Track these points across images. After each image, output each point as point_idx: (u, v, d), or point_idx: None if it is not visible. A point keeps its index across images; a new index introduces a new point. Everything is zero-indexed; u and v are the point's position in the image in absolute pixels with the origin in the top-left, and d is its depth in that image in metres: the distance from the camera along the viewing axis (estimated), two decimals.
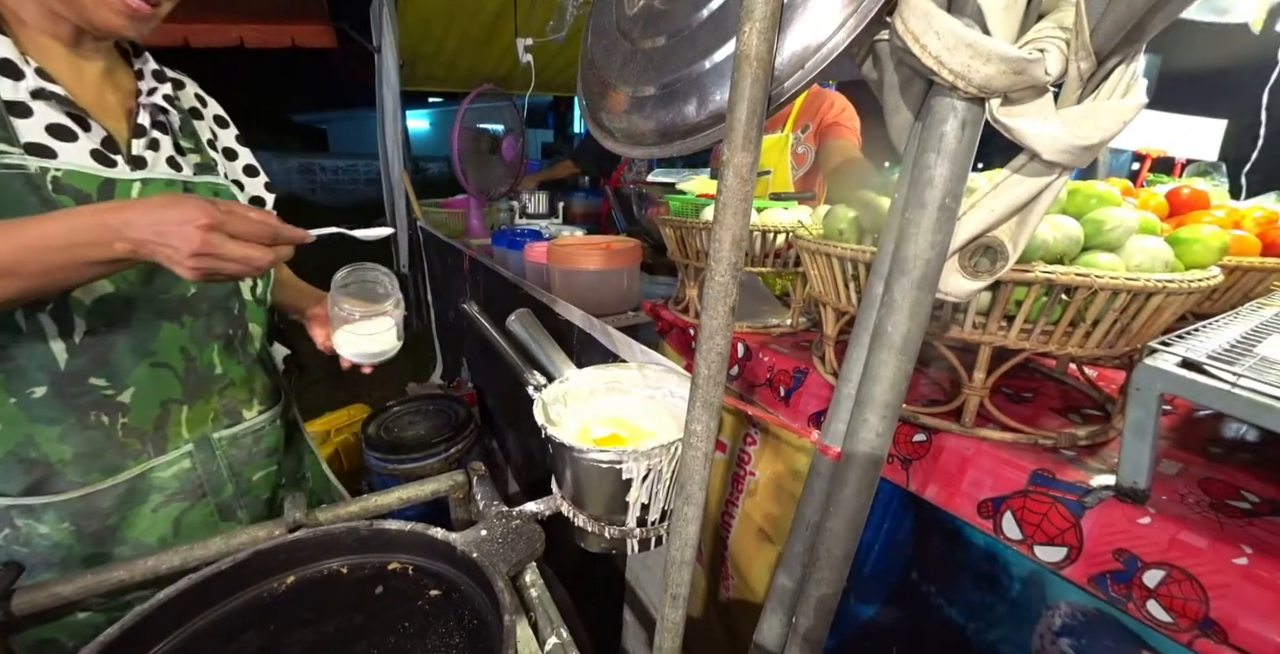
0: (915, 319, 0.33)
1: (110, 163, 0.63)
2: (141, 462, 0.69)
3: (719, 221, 0.34)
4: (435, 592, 0.53)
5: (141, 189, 0.65)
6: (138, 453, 0.68)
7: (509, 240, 1.74)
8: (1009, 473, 0.60)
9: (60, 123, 0.60)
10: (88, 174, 0.61)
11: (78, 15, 0.58)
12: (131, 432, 0.67)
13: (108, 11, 0.58)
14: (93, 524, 0.66)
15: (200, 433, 0.74)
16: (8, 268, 0.48)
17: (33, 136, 0.58)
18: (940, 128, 0.30)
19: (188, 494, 0.73)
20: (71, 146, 0.61)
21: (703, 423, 0.37)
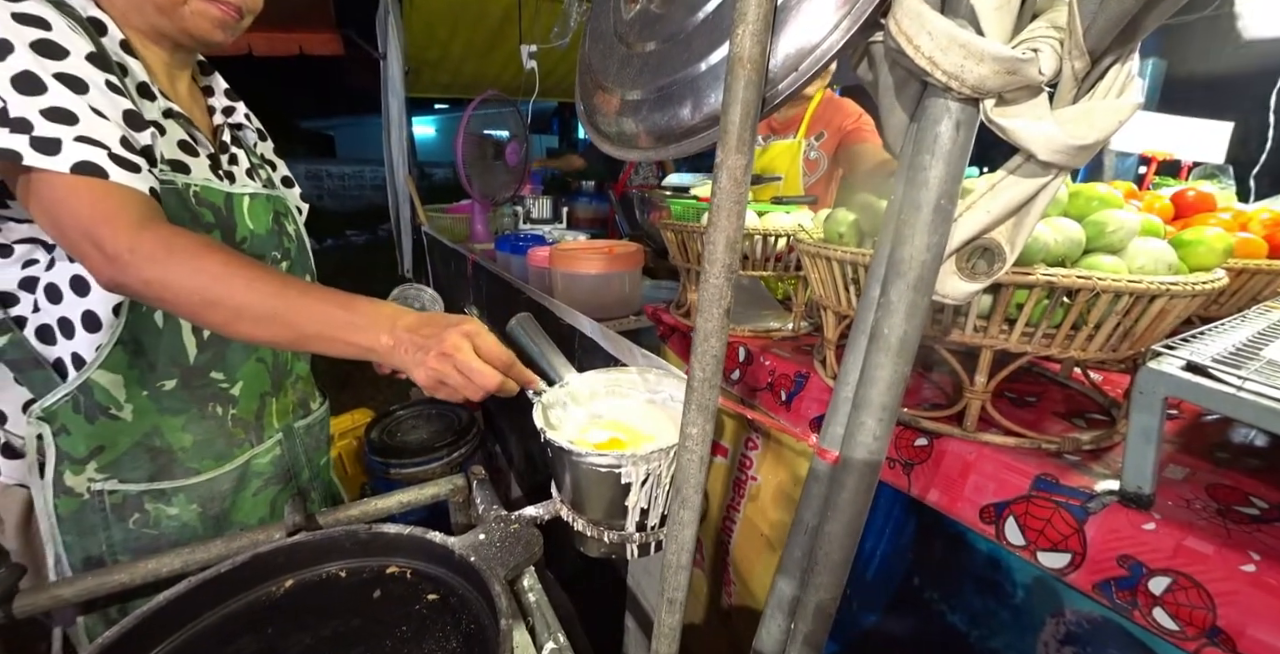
0: (911, 321, 0.33)
1: (219, 177, 0.69)
2: (245, 449, 0.74)
3: (713, 224, 0.34)
4: (433, 596, 0.53)
5: (250, 203, 0.71)
6: (242, 441, 0.74)
7: (512, 245, 1.75)
8: (1011, 478, 0.59)
9: (186, 140, 0.66)
10: (214, 189, 0.66)
11: (177, 28, 0.63)
12: (239, 422, 0.73)
13: (203, 20, 0.63)
14: (214, 507, 0.72)
15: (285, 423, 0.81)
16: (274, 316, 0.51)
17: (171, 154, 0.63)
18: (934, 129, 0.30)
19: (279, 478, 0.80)
20: (196, 162, 0.66)
21: (698, 426, 0.37)
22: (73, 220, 0.51)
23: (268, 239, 0.73)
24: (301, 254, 0.81)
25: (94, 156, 0.52)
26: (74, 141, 0.51)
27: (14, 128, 0.50)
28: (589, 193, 3.32)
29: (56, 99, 0.52)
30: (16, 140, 0.49)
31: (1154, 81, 2.78)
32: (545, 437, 0.62)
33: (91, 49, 0.56)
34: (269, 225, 0.74)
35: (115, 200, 0.52)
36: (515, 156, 2.61)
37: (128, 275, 0.50)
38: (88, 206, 0.51)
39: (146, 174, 0.56)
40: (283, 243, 0.77)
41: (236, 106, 0.76)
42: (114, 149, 0.53)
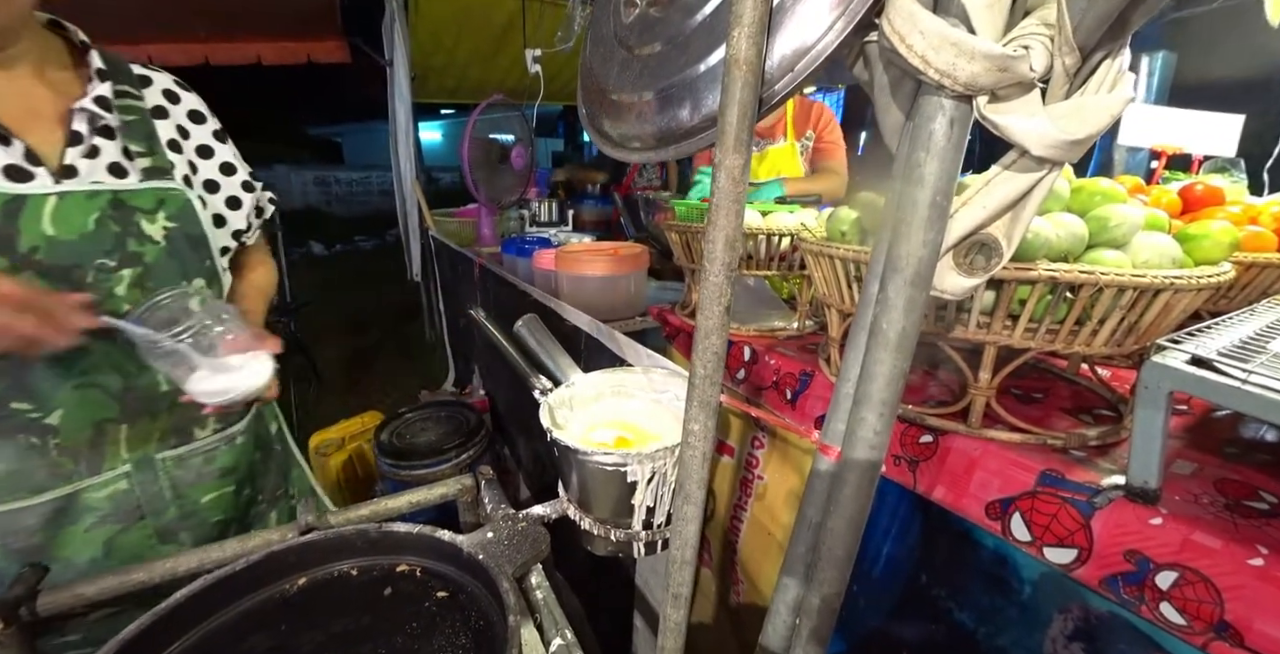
0: (910, 317, 0.34)
1: (27, 177, 0.61)
2: (72, 481, 0.67)
3: (712, 222, 0.35)
4: (442, 593, 0.54)
5: (56, 204, 0.62)
6: (70, 473, 0.67)
7: (518, 248, 1.76)
8: (1017, 473, 0.59)
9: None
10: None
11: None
12: (65, 451, 0.66)
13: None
14: (18, 541, 0.65)
15: (142, 453, 0.71)
16: None
17: None
18: (929, 126, 0.31)
19: (122, 516, 0.71)
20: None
21: (700, 422, 0.38)
22: None
23: (82, 244, 0.64)
24: (170, 259, 0.69)
25: None
26: None
27: None
28: (594, 195, 3.33)
29: None
30: None
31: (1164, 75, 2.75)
32: (552, 436, 0.63)
33: None
34: (87, 227, 0.64)
35: None
36: (521, 160, 2.63)
37: None
38: None
39: None
40: (125, 246, 0.66)
41: (98, 89, 0.67)
42: None
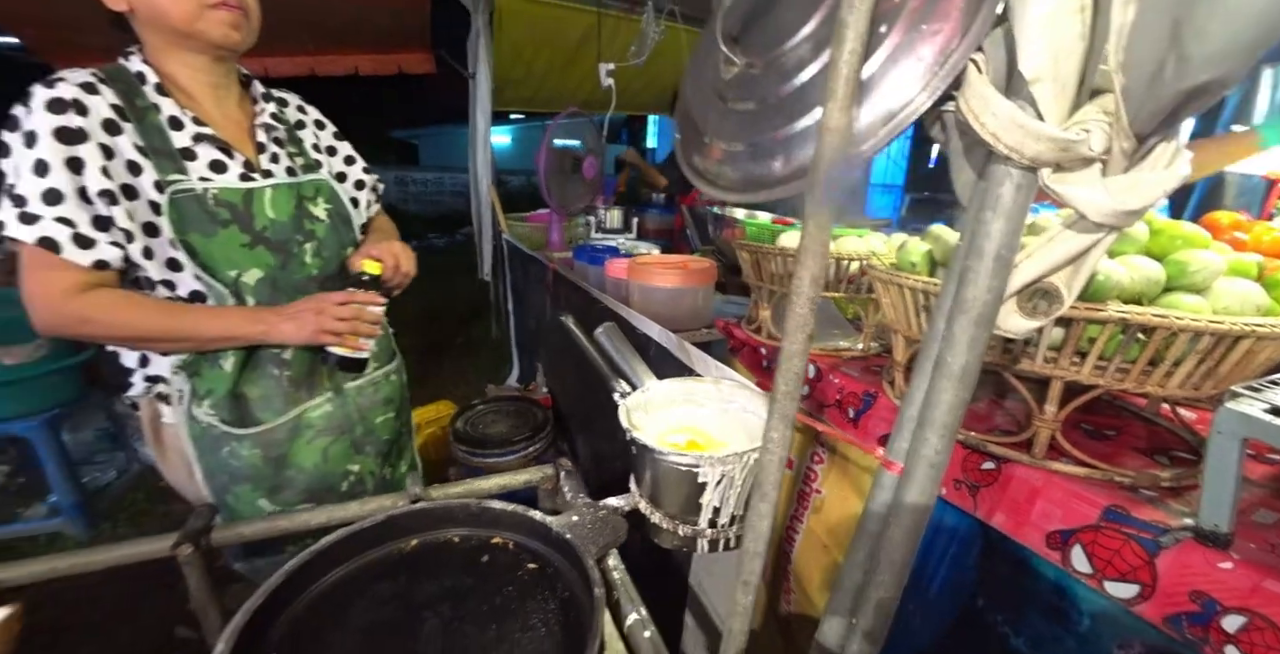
0: (973, 353, 0.38)
1: (251, 179, 0.83)
2: (299, 404, 0.89)
3: (801, 263, 0.41)
4: (532, 565, 0.62)
5: (272, 195, 0.84)
6: (295, 398, 0.89)
7: (590, 255, 1.86)
8: (1080, 506, 0.61)
9: (217, 159, 0.81)
10: (233, 189, 0.81)
11: (202, 40, 0.76)
12: (293, 381, 0.88)
13: (219, 25, 0.75)
14: (272, 451, 0.87)
15: (336, 382, 0.94)
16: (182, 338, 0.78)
17: (200, 172, 0.79)
18: (997, 190, 0.36)
19: (330, 431, 0.93)
20: (224, 175, 0.81)
21: (779, 432, 0.44)
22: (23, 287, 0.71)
23: (288, 224, 0.86)
24: (332, 233, 0.92)
25: (56, 234, 0.68)
26: (51, 222, 0.68)
27: (14, 203, 0.68)
28: (659, 205, 3.41)
29: (55, 181, 0.68)
30: (9, 213, 0.68)
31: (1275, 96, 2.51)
32: (631, 435, 0.70)
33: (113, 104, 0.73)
34: (291, 212, 0.86)
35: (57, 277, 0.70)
36: (592, 170, 2.75)
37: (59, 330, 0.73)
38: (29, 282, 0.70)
39: (104, 246, 0.72)
40: (304, 226, 0.88)
41: (267, 108, 0.88)
42: (80, 227, 0.70)
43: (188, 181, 0.77)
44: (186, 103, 0.80)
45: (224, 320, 0.78)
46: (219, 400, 0.83)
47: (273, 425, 0.87)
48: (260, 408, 0.86)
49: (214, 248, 0.78)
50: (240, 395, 0.85)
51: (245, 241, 0.81)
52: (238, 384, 0.84)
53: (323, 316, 0.81)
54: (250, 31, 0.80)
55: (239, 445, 0.85)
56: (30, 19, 2.48)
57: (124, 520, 1.98)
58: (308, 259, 0.88)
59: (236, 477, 0.86)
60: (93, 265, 0.71)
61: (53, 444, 1.79)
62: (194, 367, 0.82)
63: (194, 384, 0.83)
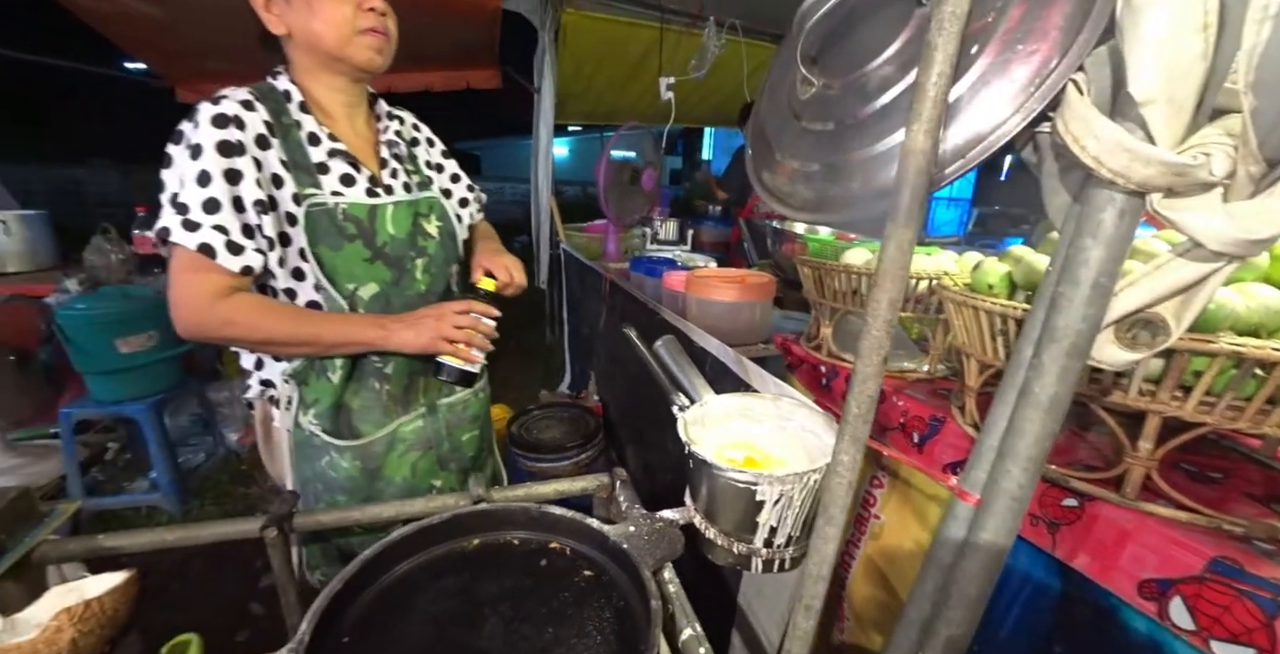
0: (1063, 384, 0.37)
1: (375, 194, 0.87)
2: (395, 419, 0.92)
3: (878, 286, 0.40)
4: (589, 572, 0.63)
5: (393, 211, 0.88)
6: (393, 413, 0.92)
7: (647, 267, 1.88)
8: (1181, 554, 0.56)
9: (348, 173, 0.86)
10: (360, 204, 0.85)
11: (349, 64, 0.81)
12: (391, 396, 0.91)
13: (365, 49, 0.81)
14: (370, 463, 0.91)
15: (430, 399, 0.97)
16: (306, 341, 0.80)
17: (333, 186, 0.84)
18: (1098, 216, 0.34)
19: (420, 446, 0.96)
20: (353, 189, 0.86)
21: (849, 454, 0.43)
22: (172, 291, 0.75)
23: (405, 241, 0.89)
24: (442, 249, 0.95)
25: (214, 240, 0.73)
26: (210, 229, 0.73)
27: (177, 211, 0.73)
28: (715, 217, 3.41)
29: (214, 191, 0.73)
30: (173, 220, 0.73)
31: None
32: (690, 449, 0.71)
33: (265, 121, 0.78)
34: (408, 228, 0.90)
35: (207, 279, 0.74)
36: (651, 182, 2.78)
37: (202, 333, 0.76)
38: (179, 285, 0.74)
39: (250, 253, 0.76)
40: (418, 242, 0.91)
41: (390, 126, 0.93)
42: (232, 235, 0.74)
43: (321, 195, 0.81)
44: (324, 120, 0.85)
45: (346, 325, 0.81)
46: (323, 411, 0.87)
47: (372, 439, 0.90)
48: (361, 420, 0.90)
49: (339, 261, 0.82)
50: (343, 407, 0.88)
51: (367, 256, 0.85)
52: (342, 396, 0.88)
53: (442, 323, 0.83)
54: (389, 55, 0.85)
55: (339, 457, 0.88)
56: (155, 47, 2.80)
57: (210, 499, 2.16)
58: (419, 275, 0.91)
59: (332, 486, 0.90)
60: (241, 271, 0.75)
61: (156, 425, 1.98)
62: (303, 376, 0.86)
63: (302, 393, 0.87)
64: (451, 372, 0.87)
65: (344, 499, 0.91)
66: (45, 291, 1.97)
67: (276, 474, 0.98)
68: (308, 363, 0.86)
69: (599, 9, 2.98)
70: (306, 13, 0.77)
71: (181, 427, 2.40)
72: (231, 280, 0.76)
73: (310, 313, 0.82)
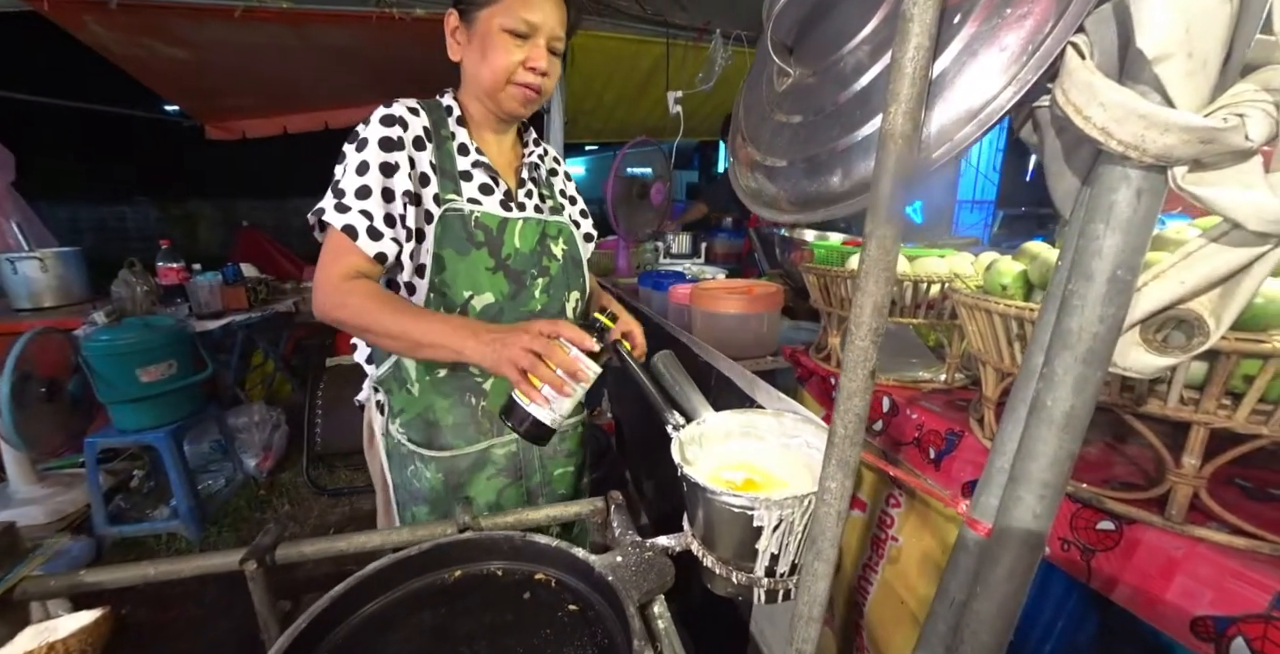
0: (1080, 396, 0.31)
1: (508, 208, 0.89)
2: (488, 438, 0.90)
3: (861, 290, 0.36)
4: (573, 607, 0.58)
5: (522, 226, 0.89)
6: (487, 431, 0.90)
7: (654, 281, 1.84)
8: (1241, 589, 0.49)
9: (486, 183, 0.88)
10: (493, 215, 0.86)
11: (498, 106, 0.87)
12: (486, 413, 0.90)
13: (513, 101, 0.86)
14: (453, 479, 0.89)
15: None
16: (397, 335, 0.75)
17: (471, 194, 0.86)
18: (1110, 197, 0.29)
19: (510, 472, 0.93)
20: (489, 199, 0.88)
21: (837, 481, 0.38)
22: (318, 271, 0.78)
23: (529, 256, 0.90)
24: (563, 273, 0.95)
25: (358, 223, 0.76)
26: (357, 213, 0.76)
27: (335, 195, 0.77)
28: (727, 229, 3.37)
29: (369, 180, 0.77)
30: (329, 202, 0.77)
31: None
32: (682, 471, 0.66)
33: (424, 128, 0.83)
34: (534, 245, 0.90)
35: (344, 260, 0.77)
36: (660, 196, 2.77)
37: (324, 312, 0.77)
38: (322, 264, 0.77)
39: (387, 241, 0.78)
40: (542, 261, 0.91)
41: (534, 152, 0.97)
42: (375, 221, 0.77)
43: (459, 201, 0.84)
44: (475, 134, 0.90)
45: (437, 324, 0.75)
46: (409, 420, 0.88)
47: (459, 453, 0.89)
48: (452, 434, 0.89)
49: (462, 266, 0.84)
50: (432, 419, 0.88)
51: (490, 266, 0.86)
52: (430, 408, 0.88)
53: (514, 340, 0.68)
54: (537, 105, 0.90)
55: (423, 466, 0.89)
56: (185, 88, 2.95)
57: (227, 525, 2.16)
58: (537, 293, 0.91)
59: (416, 496, 0.90)
60: (375, 256, 0.78)
61: (176, 453, 2.00)
62: (387, 384, 0.88)
63: (389, 400, 0.89)
64: (516, 414, 0.69)
65: (425, 511, 0.91)
66: (75, 324, 2.03)
67: (377, 477, 0.99)
68: (393, 372, 0.87)
69: (607, 28, 3.00)
70: (479, 52, 0.83)
71: (202, 453, 2.43)
72: (364, 264, 0.78)
73: (413, 308, 0.80)
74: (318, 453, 2.49)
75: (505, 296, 0.87)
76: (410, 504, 0.91)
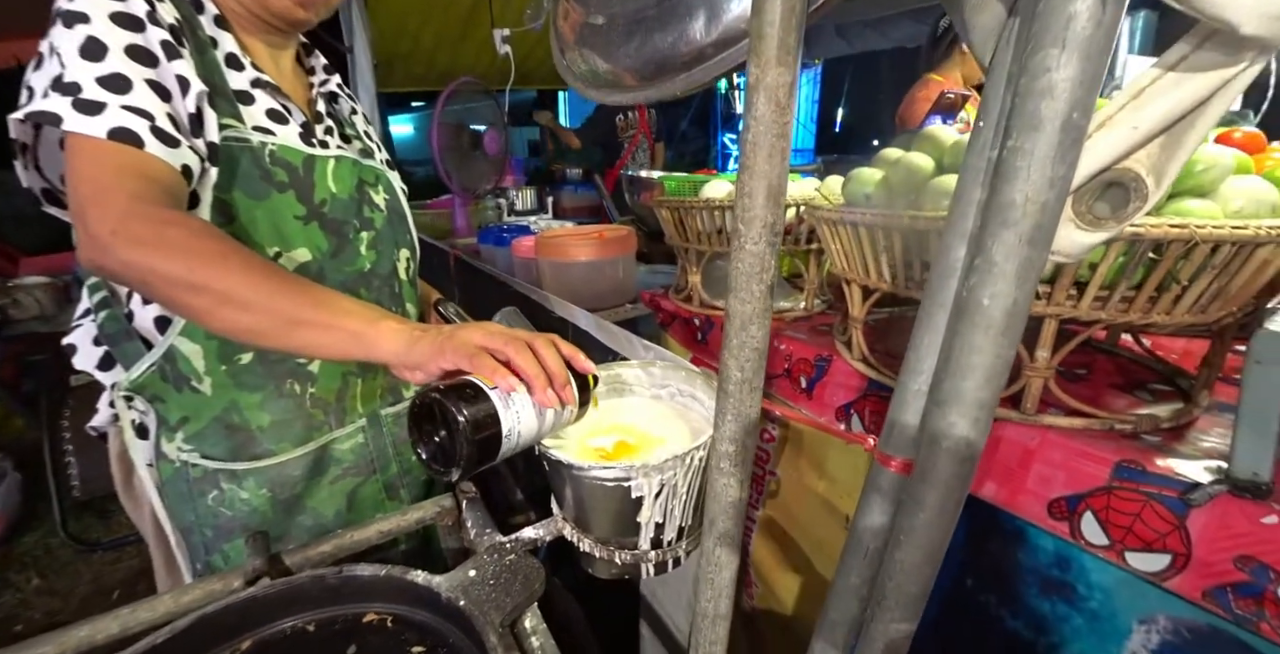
0: (1023, 287, 0.24)
1: (311, 143, 0.68)
2: (324, 433, 0.71)
3: (746, 168, 0.25)
4: (418, 649, 0.44)
5: (335, 166, 0.69)
6: (321, 424, 0.70)
7: (495, 237, 1.64)
8: (1086, 466, 0.51)
9: (275, 108, 0.66)
10: (296, 149, 0.65)
11: (265, 9, 0.66)
12: (317, 402, 0.70)
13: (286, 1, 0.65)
14: (284, 492, 0.69)
15: (370, 408, 0.76)
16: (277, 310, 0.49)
17: (256, 121, 0.64)
18: (1067, 8, 0.21)
19: (360, 469, 0.75)
20: (284, 128, 0.66)
21: (737, 442, 0.28)
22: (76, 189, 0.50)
23: (349, 205, 0.71)
24: (389, 227, 0.76)
25: (135, 125, 0.51)
26: (120, 109, 0.51)
27: (63, 91, 0.50)
28: (575, 181, 3.20)
29: (116, 67, 0.52)
30: (60, 103, 0.49)
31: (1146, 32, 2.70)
32: (539, 449, 0.54)
33: (174, 21, 0.58)
34: (352, 191, 0.72)
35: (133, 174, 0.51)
36: (495, 145, 2.49)
37: (112, 252, 0.48)
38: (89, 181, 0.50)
39: (185, 150, 0.55)
40: (364, 212, 0.73)
41: (332, 79, 0.78)
42: (158, 121, 0.53)
43: (242, 129, 0.62)
44: (244, 44, 0.67)
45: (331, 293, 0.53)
46: (200, 431, 0.64)
47: (287, 458, 0.68)
48: (272, 436, 0.67)
49: (261, 213, 0.62)
50: (237, 423, 0.66)
51: (300, 214, 0.65)
52: (233, 408, 0.65)
53: (479, 331, 0.50)
54: (322, 11, 0.69)
55: (236, 487, 0.66)
56: None
57: None
58: (363, 250, 0.72)
59: (229, 530, 0.67)
60: (181, 169, 0.54)
61: None
62: (152, 388, 0.61)
63: (158, 411, 0.62)
64: (473, 409, 0.43)
65: None
66: None
67: (144, 527, 0.71)
68: (160, 369, 0.61)
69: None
70: None
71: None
72: (169, 178, 0.53)
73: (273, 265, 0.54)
74: (77, 499, 1.90)
75: (325, 254, 0.68)
76: (220, 544, 0.67)
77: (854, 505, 0.43)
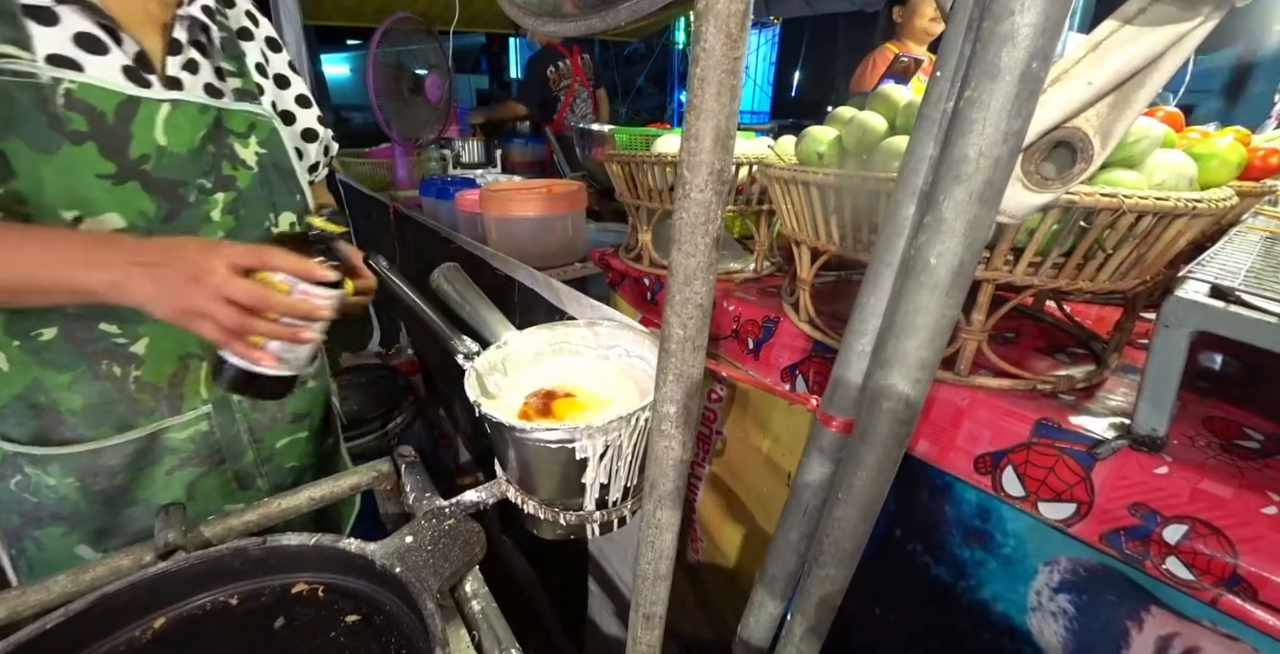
0: (971, 247, 0.24)
1: (143, 82, 0.56)
2: (154, 420, 0.63)
3: (694, 108, 0.23)
4: (353, 617, 0.43)
5: (170, 112, 0.57)
6: (150, 410, 0.63)
7: (437, 190, 1.55)
8: (1010, 424, 0.54)
9: (89, 32, 0.54)
10: (107, 90, 0.54)
11: None
12: (145, 386, 0.62)
13: None
14: (99, 482, 0.62)
15: (218, 394, 0.68)
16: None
17: (55, 48, 0.52)
18: None
19: (204, 459, 0.68)
20: (100, 60, 0.54)
21: (678, 403, 0.27)
22: None
23: (188, 161, 0.59)
24: (261, 187, 0.65)
25: None
26: None
27: None
28: (524, 134, 3.04)
29: None
30: None
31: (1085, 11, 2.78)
32: (481, 411, 0.52)
33: None
34: (193, 144, 0.59)
35: None
36: (437, 91, 2.31)
37: None
38: None
39: None
40: (221, 168, 0.62)
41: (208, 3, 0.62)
42: None
43: (20, 60, 0.49)
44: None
45: (43, 250, 0.47)
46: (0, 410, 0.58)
47: (100, 445, 0.61)
48: (84, 419, 0.60)
49: (48, 171, 0.51)
50: (41, 403, 0.59)
51: (108, 173, 0.54)
52: (36, 387, 0.58)
53: (203, 282, 0.47)
54: None
55: (39, 472, 0.60)
56: None
57: None
58: (215, 214, 0.61)
59: (39, 516, 0.62)
60: None
61: None
62: None
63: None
64: (235, 378, 0.52)
65: (59, 531, 0.63)
66: None
67: None
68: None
69: None
70: None
71: None
72: None
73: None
74: None
75: (151, 219, 0.58)
76: (30, 531, 0.63)
77: (795, 464, 0.44)
